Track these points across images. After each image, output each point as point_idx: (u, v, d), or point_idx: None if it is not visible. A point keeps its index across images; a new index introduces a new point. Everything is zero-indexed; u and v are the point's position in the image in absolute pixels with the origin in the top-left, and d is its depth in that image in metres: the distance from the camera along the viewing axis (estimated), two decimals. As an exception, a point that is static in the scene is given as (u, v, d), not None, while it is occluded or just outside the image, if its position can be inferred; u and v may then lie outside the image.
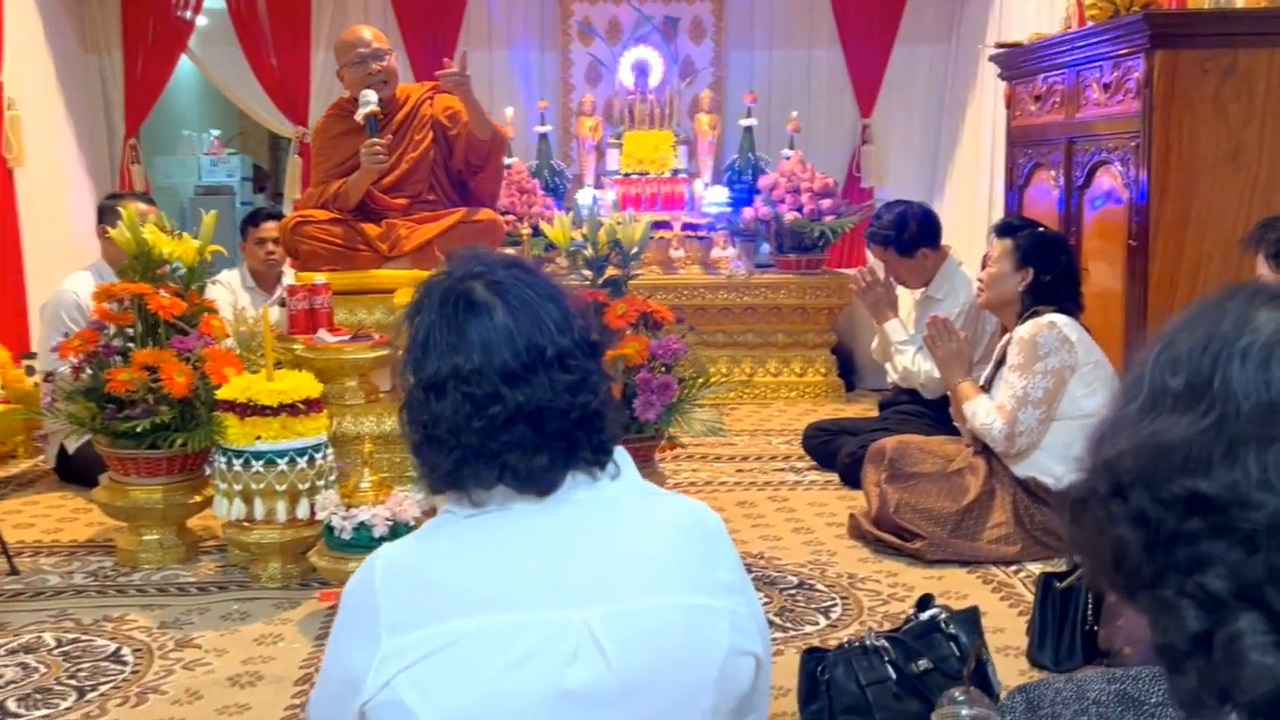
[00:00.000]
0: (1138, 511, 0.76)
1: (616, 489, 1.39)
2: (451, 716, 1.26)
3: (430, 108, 4.27)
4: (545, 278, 1.43)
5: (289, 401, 3.29)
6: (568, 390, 1.34)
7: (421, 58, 6.85)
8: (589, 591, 1.30)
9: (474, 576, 1.32)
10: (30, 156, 5.95)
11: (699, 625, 1.34)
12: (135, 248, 3.67)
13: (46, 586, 3.35)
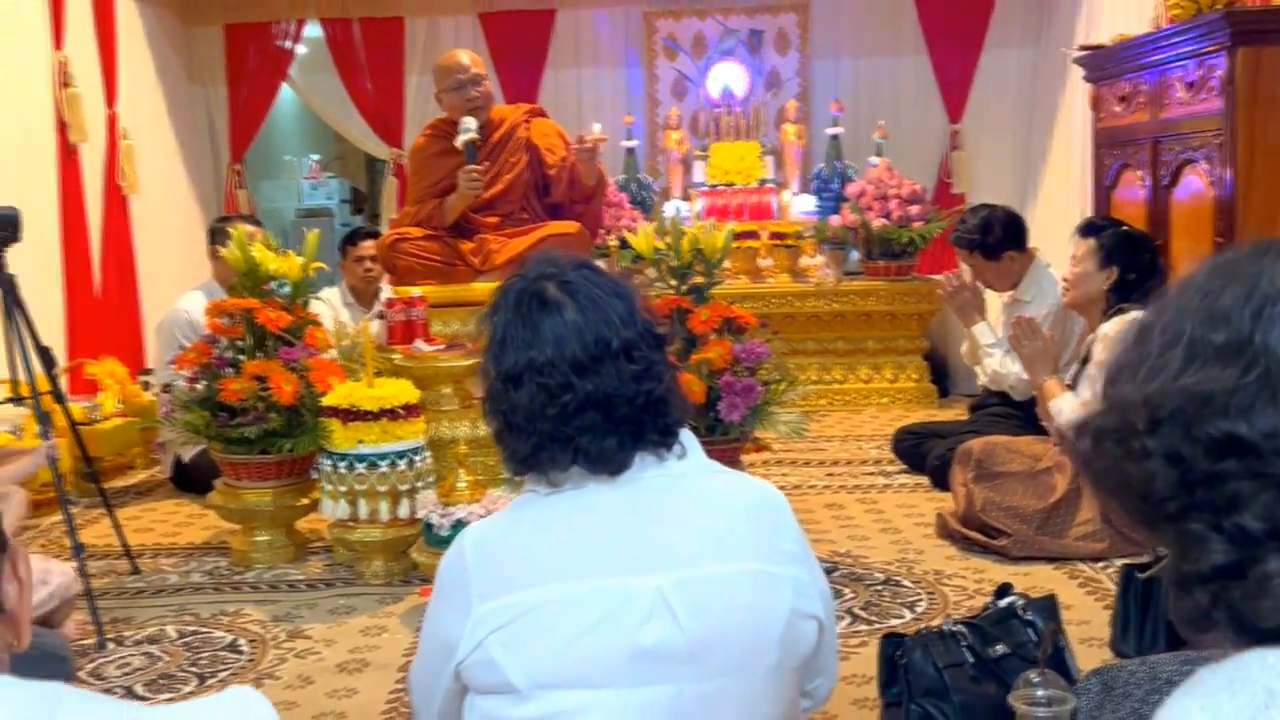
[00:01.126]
0: (1172, 449, 0.82)
1: (683, 467, 1.53)
2: (536, 672, 1.41)
3: (526, 130, 4.45)
4: (612, 277, 1.59)
5: (389, 407, 3.50)
6: (633, 379, 1.49)
7: (511, 78, 7.11)
8: (660, 559, 1.44)
9: (553, 548, 1.46)
10: (143, 184, 6.34)
11: (763, 589, 1.47)
12: (244, 265, 3.92)
13: (167, 584, 3.61)
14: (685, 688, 1.42)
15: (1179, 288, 0.88)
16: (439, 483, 3.53)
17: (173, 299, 5.03)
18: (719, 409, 3.66)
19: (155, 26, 6.85)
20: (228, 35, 7.39)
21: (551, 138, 4.45)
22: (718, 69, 6.87)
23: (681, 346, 3.80)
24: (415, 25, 7.31)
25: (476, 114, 4.31)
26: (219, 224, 4.98)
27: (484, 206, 4.41)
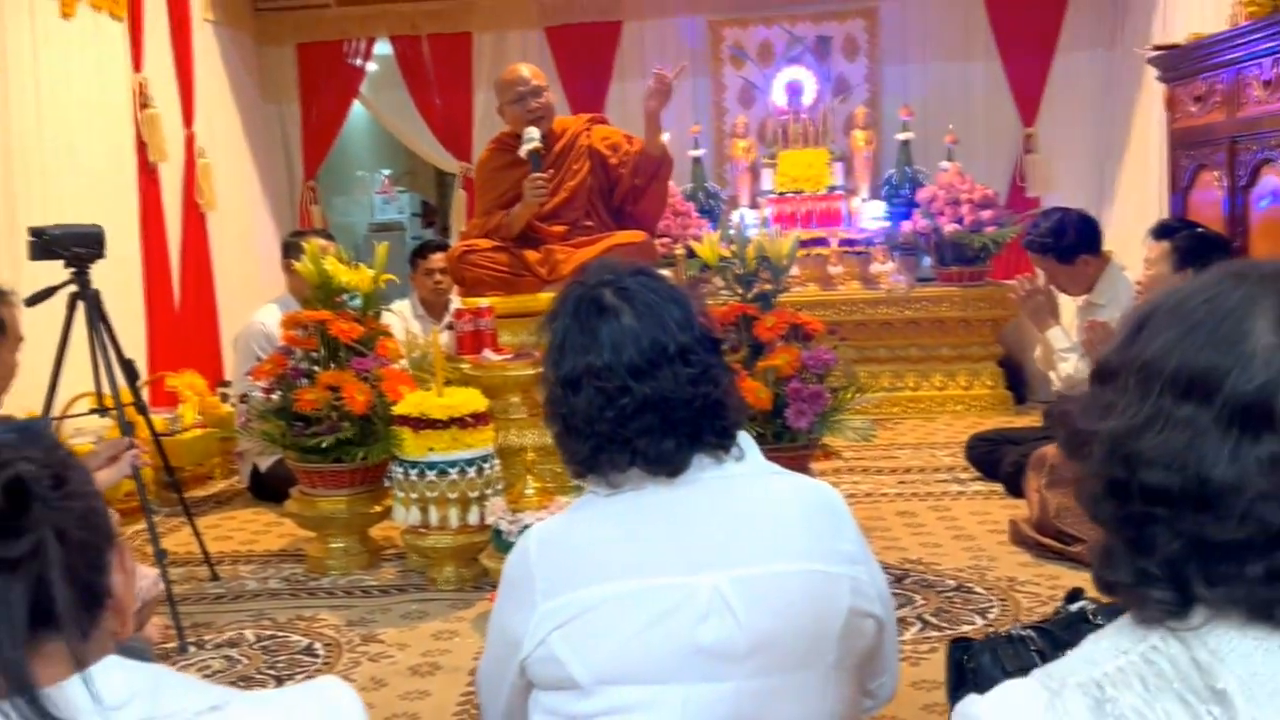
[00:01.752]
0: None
1: (741, 469, 1.57)
2: (598, 667, 1.46)
3: (588, 138, 4.54)
4: (669, 283, 1.63)
5: (458, 415, 3.58)
6: (689, 382, 1.53)
7: (577, 91, 7.21)
8: (718, 558, 1.47)
9: (614, 547, 1.51)
10: (220, 201, 6.55)
11: (821, 589, 1.50)
12: (317, 278, 4.04)
13: (245, 590, 3.73)
14: (744, 684, 1.45)
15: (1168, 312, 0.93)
16: (508, 490, 3.61)
17: (249, 312, 5.19)
18: (786, 415, 3.69)
19: (230, 47, 7.07)
20: (300, 54, 7.60)
21: (614, 138, 4.54)
22: (785, 76, 6.90)
23: (748, 353, 3.83)
24: (482, 40, 7.45)
25: (538, 124, 4.40)
26: (293, 239, 5.13)
27: (549, 216, 4.49)
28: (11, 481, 0.87)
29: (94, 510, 0.95)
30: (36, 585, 0.87)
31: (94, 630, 0.94)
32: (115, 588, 0.97)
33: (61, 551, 0.88)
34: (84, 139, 5.37)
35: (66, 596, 0.88)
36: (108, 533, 0.97)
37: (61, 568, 0.88)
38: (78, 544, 0.91)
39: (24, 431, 0.94)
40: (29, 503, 0.88)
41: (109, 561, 0.96)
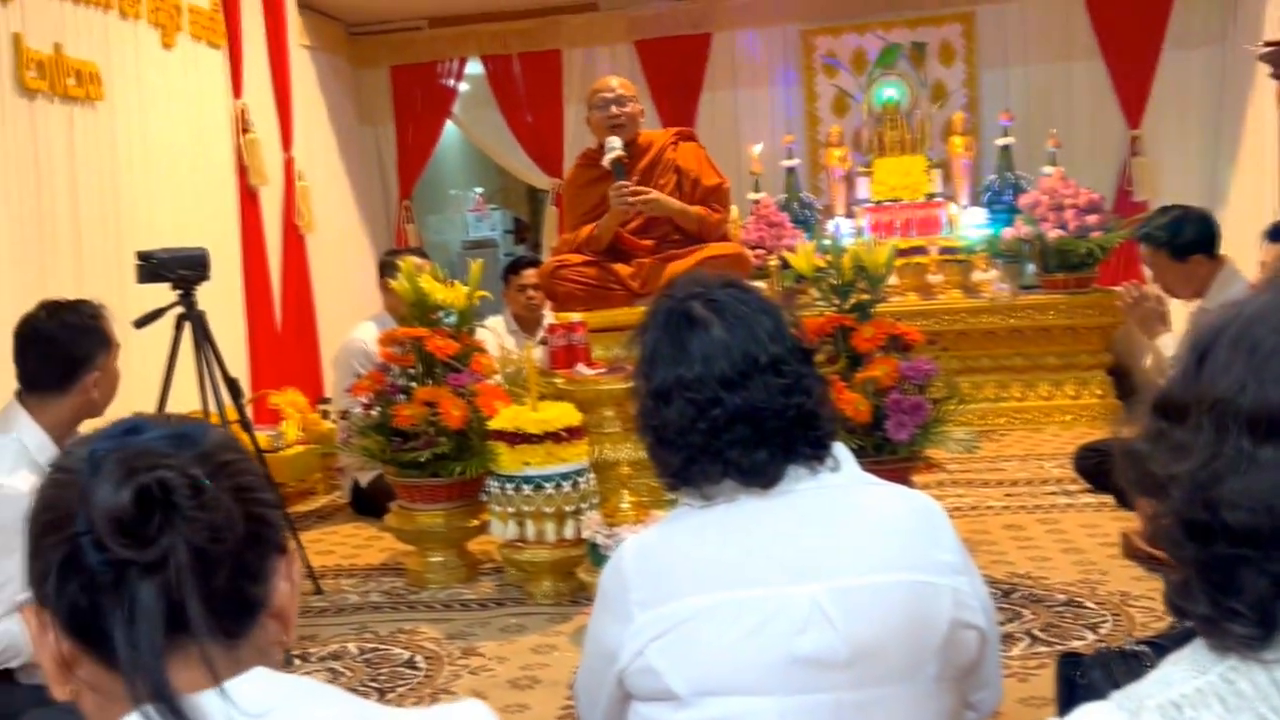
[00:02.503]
0: None
1: (837, 480, 1.56)
2: (696, 679, 1.46)
3: (674, 153, 4.56)
4: (759, 294, 1.64)
5: (553, 430, 3.63)
6: (781, 392, 1.53)
7: (668, 104, 7.27)
8: (815, 569, 1.47)
9: (709, 557, 1.51)
10: (318, 222, 6.74)
11: (921, 600, 1.48)
12: (413, 296, 4.14)
13: (347, 604, 3.83)
14: (844, 696, 1.44)
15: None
16: (603, 504, 3.63)
17: (347, 330, 5.32)
18: (886, 428, 3.66)
19: (326, 72, 7.29)
20: (394, 76, 7.80)
21: (693, 163, 4.52)
22: (879, 83, 6.86)
23: (845, 365, 3.81)
24: (572, 56, 7.56)
25: (619, 132, 4.43)
26: (389, 257, 5.25)
27: (638, 230, 4.51)
28: (143, 489, 0.89)
29: (252, 517, 0.95)
30: (170, 590, 0.88)
31: (244, 639, 0.95)
32: (277, 597, 0.98)
33: (194, 559, 0.89)
34: (187, 165, 5.58)
35: (200, 603, 0.89)
36: (271, 541, 0.98)
37: (195, 575, 0.89)
38: (223, 552, 0.91)
39: (177, 436, 0.95)
40: (159, 510, 0.89)
41: (269, 569, 0.97)
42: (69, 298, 2.98)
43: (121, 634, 0.87)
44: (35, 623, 0.93)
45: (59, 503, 0.91)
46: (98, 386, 2.85)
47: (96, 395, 2.86)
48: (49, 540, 0.91)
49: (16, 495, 2.58)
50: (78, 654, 0.91)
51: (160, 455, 0.91)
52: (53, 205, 4.59)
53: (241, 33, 6.06)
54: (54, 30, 4.63)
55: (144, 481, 0.89)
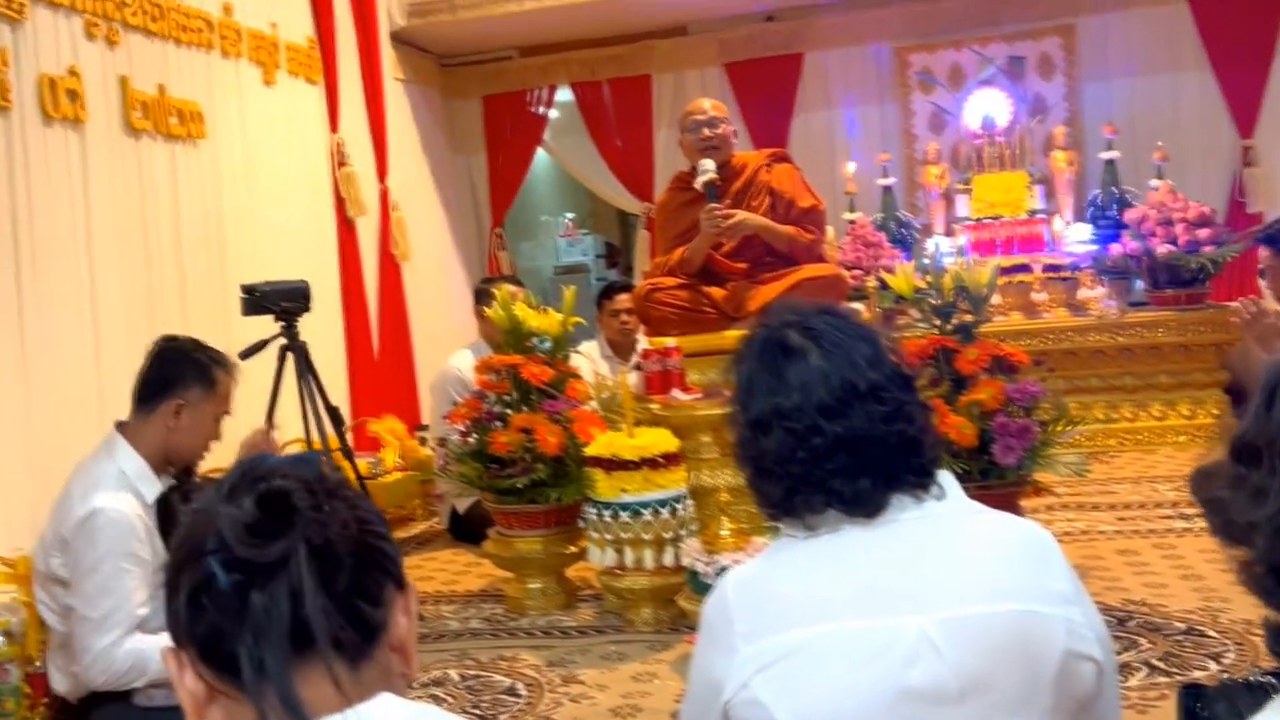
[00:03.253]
0: None
1: (943, 508, 1.54)
2: (803, 711, 1.45)
3: (767, 174, 4.56)
4: (857, 321, 1.63)
5: (649, 456, 3.65)
6: (882, 420, 1.52)
7: (759, 126, 7.28)
8: (923, 599, 1.45)
9: (814, 589, 1.50)
10: (414, 251, 6.89)
11: (1033, 630, 1.45)
12: (508, 324, 4.21)
13: (448, 630, 3.89)
14: None
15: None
16: (702, 530, 3.64)
17: (443, 358, 5.42)
18: (992, 452, 3.60)
19: (419, 103, 7.47)
20: (485, 106, 7.96)
21: (787, 185, 4.51)
22: (977, 99, 6.79)
23: (949, 388, 3.77)
24: (662, 81, 7.63)
25: (712, 155, 4.45)
26: (483, 285, 5.34)
27: (732, 253, 4.51)
28: (267, 493, 0.95)
29: (367, 545, 0.98)
30: (293, 599, 0.92)
31: (365, 662, 0.97)
32: (395, 629, 1.00)
33: (316, 564, 0.93)
34: (287, 199, 5.75)
35: (321, 612, 0.92)
36: (388, 570, 1.00)
37: (316, 579, 0.92)
38: (341, 565, 0.95)
39: (296, 459, 1.01)
40: (282, 512, 0.94)
41: (386, 597, 0.99)
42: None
43: (247, 653, 0.91)
44: (174, 664, 0.97)
45: (193, 535, 0.96)
46: (179, 417, 2.87)
47: (176, 427, 2.88)
48: (185, 574, 0.95)
49: (122, 517, 2.70)
50: (213, 690, 0.95)
51: (280, 470, 0.98)
52: (158, 241, 4.77)
53: (338, 68, 6.24)
54: (158, 72, 4.83)
55: (264, 489, 0.95)
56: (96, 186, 4.42)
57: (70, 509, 2.76)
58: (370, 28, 6.62)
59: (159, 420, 2.86)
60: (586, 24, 7.29)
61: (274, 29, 5.73)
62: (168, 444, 2.88)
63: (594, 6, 6.84)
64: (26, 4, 4.10)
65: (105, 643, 2.65)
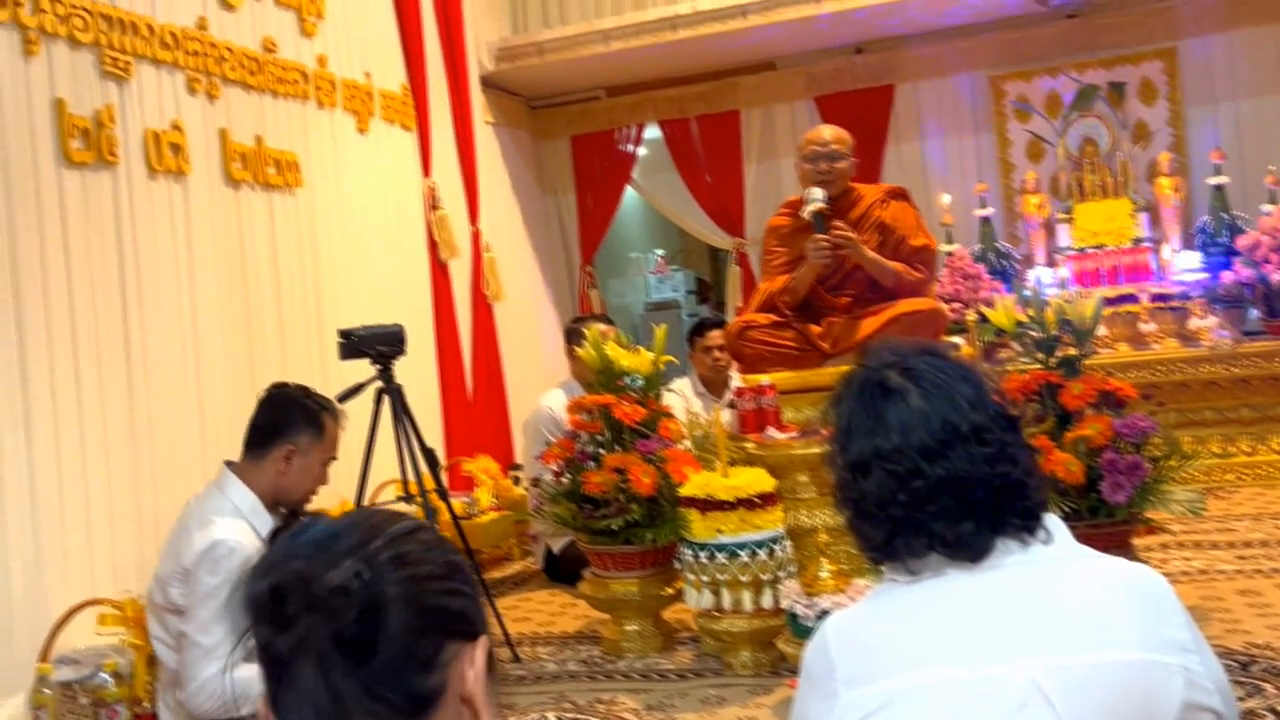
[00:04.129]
0: None
1: (1050, 553, 1.51)
2: None
3: (882, 210, 4.51)
4: (958, 361, 1.62)
5: (745, 496, 3.64)
6: (986, 461, 1.50)
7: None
8: (1030, 648, 1.42)
9: (918, 635, 1.49)
10: (505, 290, 6.99)
11: (1149, 680, 1.42)
12: (599, 364, 4.24)
13: (545, 672, 3.91)
14: None
15: None
16: (801, 572, 3.61)
17: (535, 397, 5.49)
18: (1101, 489, 3.53)
19: (509, 145, 7.61)
20: (574, 146, 8.08)
21: (900, 222, 4.48)
22: (1076, 126, 6.70)
23: (1054, 424, 3.70)
24: (750, 115, 7.66)
25: (825, 188, 4.42)
26: (574, 324, 5.40)
27: (836, 285, 4.47)
28: (275, 584, 0.98)
29: (425, 608, 1.00)
30: (327, 675, 0.96)
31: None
32: (461, 682, 1.01)
33: (337, 645, 0.96)
34: (382, 243, 5.90)
35: (353, 692, 0.96)
36: (448, 629, 1.02)
37: (343, 659, 0.96)
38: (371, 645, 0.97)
39: (330, 535, 1.02)
40: (290, 599, 0.97)
41: (445, 656, 1.00)
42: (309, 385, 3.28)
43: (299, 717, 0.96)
44: (263, 710, 1.01)
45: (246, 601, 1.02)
46: (290, 462, 3.05)
47: (286, 471, 3.05)
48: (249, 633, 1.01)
49: (242, 547, 2.82)
50: None
51: (298, 555, 1.00)
52: (258, 288, 4.92)
53: (430, 114, 6.39)
54: (256, 123, 5.00)
55: (275, 578, 0.98)
56: (199, 236, 4.59)
57: (190, 540, 2.91)
58: (461, 73, 6.78)
59: (270, 464, 3.02)
60: (673, 62, 7.37)
61: (368, 78, 5.89)
62: (278, 487, 3.04)
63: (680, 45, 6.92)
64: (132, 62, 4.29)
65: (213, 670, 2.74)
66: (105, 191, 4.14)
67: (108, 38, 4.18)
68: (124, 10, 4.28)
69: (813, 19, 6.62)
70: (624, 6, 7.20)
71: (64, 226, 3.94)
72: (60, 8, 3.98)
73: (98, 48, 4.14)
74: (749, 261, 7.62)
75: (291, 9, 5.33)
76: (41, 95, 3.90)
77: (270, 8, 5.19)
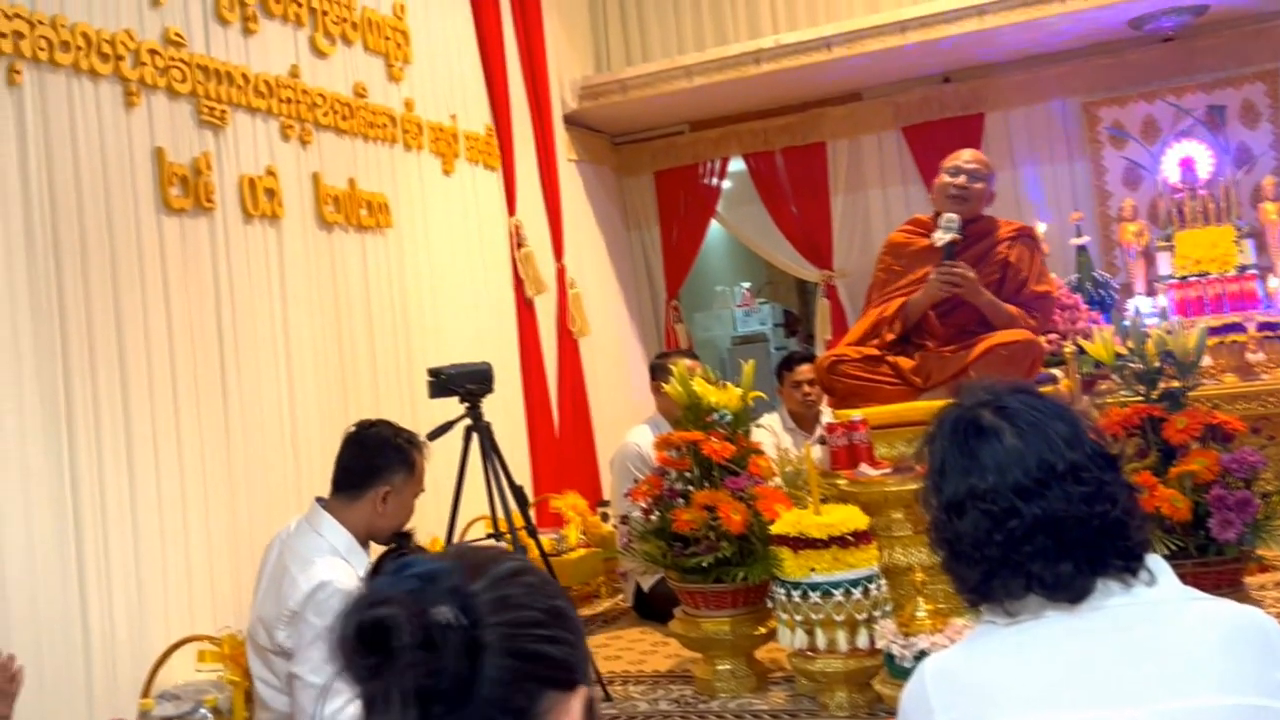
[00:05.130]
0: None
1: (1155, 595, 1.50)
2: None
3: (1007, 249, 4.44)
4: (1053, 399, 1.62)
5: (838, 534, 3.62)
6: (1083, 500, 1.50)
7: (940, 188, 7.20)
8: (1136, 692, 1.41)
9: (1017, 679, 1.48)
10: (591, 326, 7.06)
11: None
12: (686, 399, 4.26)
13: (637, 711, 3.92)
14: None
15: None
16: (897, 611, 3.58)
17: (622, 432, 5.52)
18: (1209, 526, 3.45)
19: (593, 182, 7.71)
20: (658, 181, 8.16)
21: (1025, 264, 4.41)
22: (1174, 151, 6.59)
23: (1158, 459, 3.63)
24: (837, 147, 7.66)
25: (958, 205, 4.36)
26: (659, 360, 5.43)
27: (945, 313, 4.40)
28: (362, 625, 0.97)
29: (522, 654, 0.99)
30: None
31: None
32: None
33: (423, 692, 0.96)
34: (469, 282, 6.01)
35: None
36: (546, 677, 1.01)
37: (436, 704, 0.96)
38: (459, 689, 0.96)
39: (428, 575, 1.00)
40: (378, 644, 0.96)
41: (542, 707, 1.00)
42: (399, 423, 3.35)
43: None
44: None
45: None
46: (386, 503, 3.14)
47: (384, 512, 3.15)
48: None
49: (346, 588, 2.89)
50: None
51: (397, 592, 0.99)
52: (350, 328, 5.05)
53: (514, 153, 6.51)
54: (347, 167, 5.15)
55: (371, 615, 0.97)
56: (292, 278, 4.72)
57: (294, 583, 2.99)
58: (544, 112, 6.89)
59: (366, 504, 3.11)
60: (757, 95, 7.40)
61: (453, 120, 6.03)
62: (372, 526, 3.13)
63: (764, 78, 6.95)
64: (228, 111, 4.45)
65: (329, 710, 2.80)
66: (203, 236, 4.29)
67: (204, 88, 4.34)
68: (219, 61, 4.44)
69: (899, 49, 6.61)
70: (706, 41, 7.28)
71: (164, 271, 4.08)
72: (160, 60, 4.14)
73: (195, 98, 4.30)
74: (838, 294, 7.59)
75: (380, 55, 5.49)
76: (142, 144, 4.06)
77: (360, 54, 5.34)
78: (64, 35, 3.75)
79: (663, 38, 7.44)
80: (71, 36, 3.78)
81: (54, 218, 3.68)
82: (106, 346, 3.81)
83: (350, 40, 5.27)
